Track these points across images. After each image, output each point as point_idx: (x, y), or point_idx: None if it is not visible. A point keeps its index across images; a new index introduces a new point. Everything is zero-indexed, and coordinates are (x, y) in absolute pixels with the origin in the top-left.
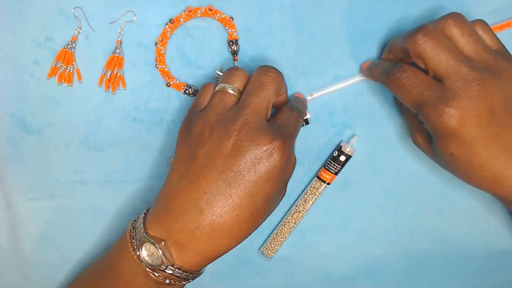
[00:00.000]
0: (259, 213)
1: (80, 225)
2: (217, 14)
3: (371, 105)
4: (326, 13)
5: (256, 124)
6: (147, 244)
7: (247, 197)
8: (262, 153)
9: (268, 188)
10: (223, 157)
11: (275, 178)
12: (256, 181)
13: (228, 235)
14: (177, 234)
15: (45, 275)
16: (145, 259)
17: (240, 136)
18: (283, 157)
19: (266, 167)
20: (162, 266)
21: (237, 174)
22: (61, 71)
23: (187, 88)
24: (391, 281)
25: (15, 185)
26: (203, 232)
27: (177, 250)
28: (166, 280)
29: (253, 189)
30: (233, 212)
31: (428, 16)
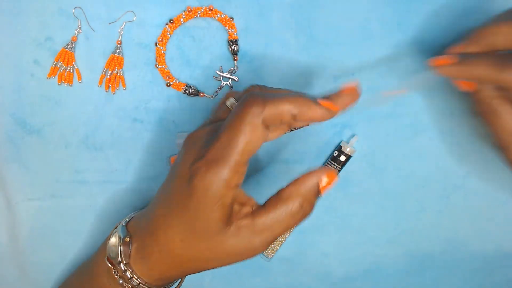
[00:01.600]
0: (190, 245)
1: (80, 225)
2: (217, 14)
3: None
4: (326, 13)
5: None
6: (115, 234)
7: (175, 219)
8: (185, 174)
9: (191, 218)
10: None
11: (197, 207)
12: (180, 205)
13: (169, 259)
14: (138, 234)
15: (45, 275)
16: (109, 249)
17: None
18: (203, 184)
19: (186, 191)
20: (116, 260)
21: (172, 195)
22: (61, 71)
23: (187, 88)
24: (391, 281)
25: (15, 185)
26: (151, 245)
27: (137, 253)
28: (120, 280)
29: (178, 213)
30: (168, 235)
31: (428, 16)
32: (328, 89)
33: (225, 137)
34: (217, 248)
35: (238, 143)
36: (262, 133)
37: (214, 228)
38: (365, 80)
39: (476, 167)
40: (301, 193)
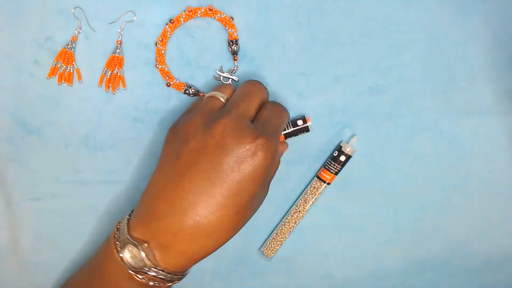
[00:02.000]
0: (244, 213)
1: (80, 225)
2: (217, 14)
3: (371, 105)
4: (326, 13)
5: (239, 123)
6: (129, 246)
7: (232, 196)
8: (246, 152)
9: (252, 187)
10: (207, 156)
11: (259, 177)
12: (240, 180)
13: (212, 236)
14: (160, 235)
15: (44, 275)
16: (128, 261)
17: (224, 135)
18: (267, 155)
19: (250, 166)
20: (145, 268)
21: (220, 173)
22: (61, 71)
23: (187, 88)
24: (391, 281)
25: (15, 185)
26: (187, 233)
27: (161, 252)
28: (150, 282)
29: (238, 189)
30: (217, 212)
31: (428, 16)
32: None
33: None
34: (262, 199)
35: (253, 99)
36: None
37: (264, 187)
38: (365, 80)
39: (476, 167)
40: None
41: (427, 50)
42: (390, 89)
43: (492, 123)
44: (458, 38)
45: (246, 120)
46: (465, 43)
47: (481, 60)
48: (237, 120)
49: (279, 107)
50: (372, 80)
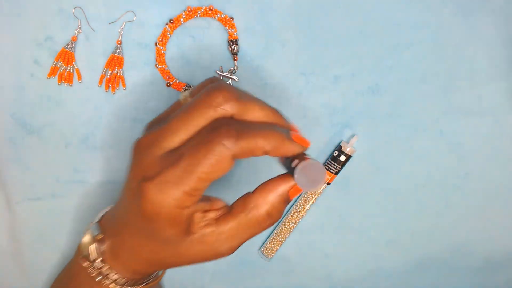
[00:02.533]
0: (154, 251)
1: (80, 225)
2: (217, 14)
3: (371, 105)
4: (326, 13)
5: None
6: (88, 232)
7: (135, 226)
8: (134, 191)
9: (149, 232)
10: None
11: (153, 225)
12: (137, 218)
13: (140, 258)
14: (113, 237)
15: (45, 275)
16: (83, 246)
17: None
18: (154, 206)
19: (137, 209)
20: (90, 258)
21: (128, 204)
22: (61, 71)
23: (187, 88)
24: (391, 281)
25: (15, 185)
26: (126, 248)
27: (111, 250)
28: (97, 277)
29: (136, 224)
30: (133, 238)
31: (427, 16)
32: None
33: (184, 163)
34: (183, 255)
35: (198, 172)
36: (228, 165)
37: (175, 240)
38: (365, 80)
39: (476, 167)
40: (269, 201)
41: (427, 50)
42: (390, 89)
43: (492, 123)
44: (458, 38)
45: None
46: (465, 43)
47: (481, 60)
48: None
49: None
50: (372, 80)
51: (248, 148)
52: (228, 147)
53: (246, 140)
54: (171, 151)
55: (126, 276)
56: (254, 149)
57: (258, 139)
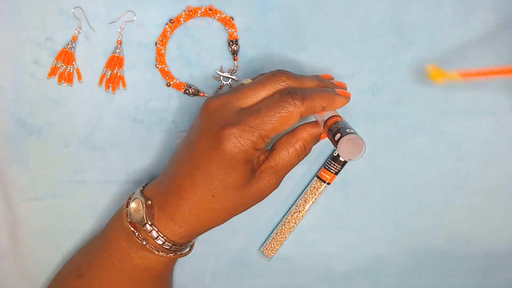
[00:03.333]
0: (222, 198)
1: (80, 225)
2: (217, 14)
3: (371, 105)
4: (326, 13)
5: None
6: (136, 200)
7: (204, 179)
8: (212, 139)
9: (223, 175)
10: (194, 136)
11: (228, 166)
12: (209, 166)
13: (202, 213)
14: (162, 198)
15: (45, 275)
16: (131, 213)
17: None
18: (234, 147)
19: (216, 154)
20: (142, 222)
21: (197, 158)
22: (61, 71)
23: (187, 88)
24: (391, 281)
25: (15, 185)
26: (182, 204)
27: (159, 212)
28: (143, 242)
29: (208, 173)
30: (198, 193)
31: (427, 15)
32: None
33: (264, 114)
34: (246, 194)
35: (273, 123)
36: (295, 120)
37: (245, 180)
38: (365, 80)
39: (476, 167)
40: (305, 138)
41: (427, 50)
42: (390, 89)
43: (492, 123)
44: (458, 38)
45: (235, 108)
46: (465, 43)
47: (481, 60)
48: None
49: (291, 98)
50: (372, 80)
51: (312, 107)
52: (298, 106)
53: (310, 101)
54: (246, 107)
55: (173, 239)
56: (316, 107)
57: (317, 99)
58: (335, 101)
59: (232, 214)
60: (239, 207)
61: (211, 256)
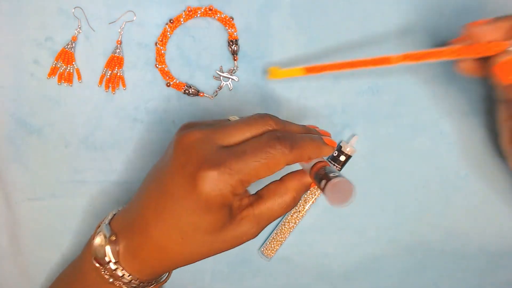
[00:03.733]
0: (191, 242)
1: (80, 225)
2: (217, 14)
3: (371, 105)
4: (326, 13)
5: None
6: (101, 234)
7: (173, 219)
8: (187, 178)
9: (195, 218)
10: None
11: (202, 209)
12: (181, 206)
13: (165, 253)
14: (128, 234)
15: (45, 275)
16: (95, 248)
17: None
18: (212, 190)
19: (190, 195)
20: (105, 260)
21: (168, 195)
22: (61, 71)
23: (187, 88)
24: (391, 281)
25: (15, 185)
26: (146, 242)
27: (124, 249)
28: (110, 279)
29: (179, 213)
30: (165, 233)
31: (427, 16)
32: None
33: (247, 158)
34: (219, 239)
35: (258, 169)
36: (280, 168)
37: (219, 225)
38: (365, 80)
39: (476, 167)
40: (295, 188)
41: None
42: (390, 89)
43: (492, 123)
44: None
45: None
46: None
47: None
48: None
49: (277, 142)
50: (372, 80)
51: (299, 155)
52: (286, 154)
53: (298, 149)
54: (229, 146)
55: (139, 277)
56: (304, 156)
57: (306, 148)
58: (323, 150)
59: (201, 258)
60: (210, 252)
61: (211, 256)
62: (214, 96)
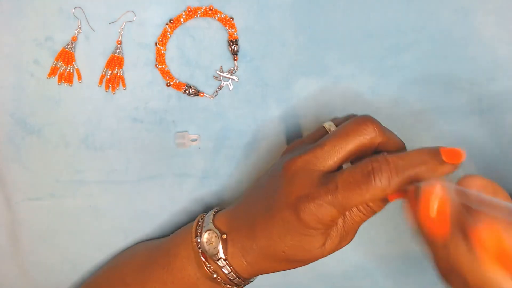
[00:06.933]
0: (292, 256)
1: (80, 225)
2: (217, 14)
3: (371, 105)
4: (326, 13)
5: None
6: (210, 232)
7: (279, 236)
8: (290, 206)
9: (297, 238)
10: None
11: (304, 233)
12: (285, 227)
13: (269, 261)
14: (238, 236)
15: (45, 275)
16: (204, 245)
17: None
18: (311, 220)
19: (293, 220)
20: (216, 257)
21: (275, 216)
22: (61, 71)
23: (187, 88)
24: (391, 281)
25: (15, 185)
26: (256, 249)
27: (233, 248)
28: (214, 274)
29: (284, 232)
30: (271, 245)
31: (428, 16)
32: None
33: (342, 195)
34: (319, 255)
35: (353, 203)
36: (380, 198)
37: (319, 245)
38: (365, 80)
39: (476, 167)
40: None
41: (427, 50)
42: (390, 89)
43: (492, 123)
44: (458, 38)
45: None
46: (465, 43)
47: (481, 60)
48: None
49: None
50: (372, 80)
51: (401, 185)
52: (382, 189)
53: (398, 178)
54: (326, 174)
55: (243, 276)
56: (408, 182)
57: (409, 174)
58: (437, 172)
59: (304, 265)
60: (311, 261)
61: None
62: (214, 96)
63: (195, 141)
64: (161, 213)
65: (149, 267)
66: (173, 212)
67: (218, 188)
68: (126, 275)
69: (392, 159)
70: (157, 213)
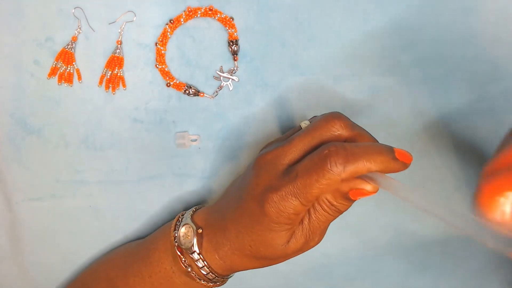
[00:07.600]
0: (258, 251)
1: (80, 225)
2: (217, 14)
3: (371, 105)
4: (326, 13)
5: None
6: (187, 226)
7: (246, 229)
8: (256, 199)
9: (261, 233)
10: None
11: (268, 227)
12: (251, 220)
13: (240, 256)
14: (213, 231)
15: (45, 275)
16: (180, 239)
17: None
18: (274, 212)
19: (258, 212)
20: (191, 250)
21: (243, 209)
22: (61, 71)
23: (187, 88)
24: (391, 281)
25: (15, 185)
26: (230, 245)
27: (208, 244)
28: (188, 268)
29: (250, 225)
30: (239, 238)
31: (428, 16)
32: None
33: (300, 182)
34: (283, 253)
35: (312, 191)
36: (336, 185)
37: (283, 241)
38: (365, 80)
39: (476, 167)
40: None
41: (427, 50)
42: (390, 89)
43: (492, 123)
44: (458, 38)
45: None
46: (465, 43)
47: (481, 60)
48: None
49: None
50: (372, 80)
51: (355, 171)
52: (337, 173)
53: (353, 164)
54: (289, 167)
55: (217, 271)
56: (361, 171)
57: (364, 161)
58: (389, 167)
59: (271, 264)
60: (277, 260)
61: None
62: (214, 96)
63: (195, 141)
64: (161, 213)
65: (131, 261)
66: (173, 212)
67: (218, 188)
68: (111, 269)
69: (349, 145)
70: (157, 213)
